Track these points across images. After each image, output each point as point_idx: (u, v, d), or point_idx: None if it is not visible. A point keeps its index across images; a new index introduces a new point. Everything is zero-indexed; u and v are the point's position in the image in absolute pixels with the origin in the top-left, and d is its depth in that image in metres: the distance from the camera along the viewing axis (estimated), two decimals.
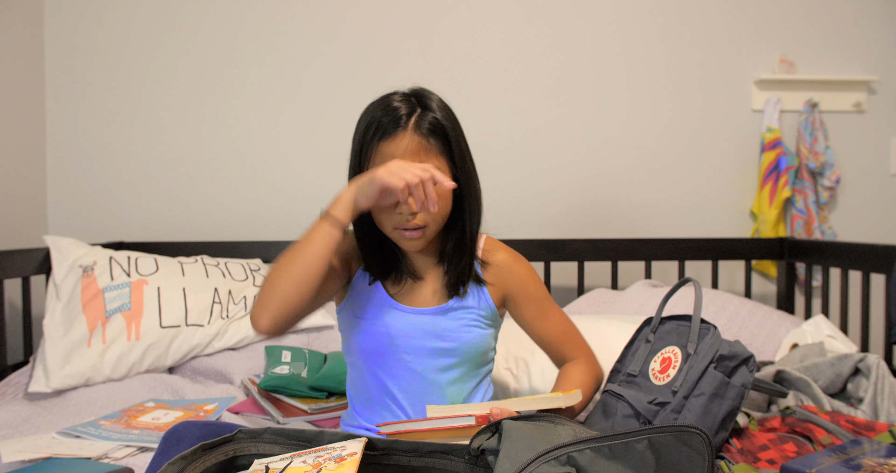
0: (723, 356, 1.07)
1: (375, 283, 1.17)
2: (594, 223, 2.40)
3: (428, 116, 1.08)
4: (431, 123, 1.07)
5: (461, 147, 1.11)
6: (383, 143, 1.06)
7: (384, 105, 1.09)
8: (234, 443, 0.82)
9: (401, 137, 1.06)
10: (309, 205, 2.32)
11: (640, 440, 0.74)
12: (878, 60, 2.43)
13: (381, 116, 1.07)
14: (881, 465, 0.95)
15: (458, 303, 1.17)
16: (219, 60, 2.33)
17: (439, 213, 1.09)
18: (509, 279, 1.20)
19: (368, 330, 1.16)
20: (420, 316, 1.16)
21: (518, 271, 1.21)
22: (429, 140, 1.07)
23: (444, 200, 1.09)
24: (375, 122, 1.07)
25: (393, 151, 1.06)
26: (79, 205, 2.31)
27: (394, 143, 1.06)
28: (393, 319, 1.15)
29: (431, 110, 1.09)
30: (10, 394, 1.63)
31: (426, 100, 1.10)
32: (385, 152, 1.06)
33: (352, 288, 1.19)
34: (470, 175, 1.13)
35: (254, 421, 1.46)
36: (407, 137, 1.06)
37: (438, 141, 1.08)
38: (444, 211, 1.10)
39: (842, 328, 1.97)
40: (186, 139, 2.33)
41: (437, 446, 0.85)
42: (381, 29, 2.34)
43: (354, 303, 1.18)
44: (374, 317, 1.16)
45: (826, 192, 2.37)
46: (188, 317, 1.82)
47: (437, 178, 1.01)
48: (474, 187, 1.14)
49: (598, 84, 2.39)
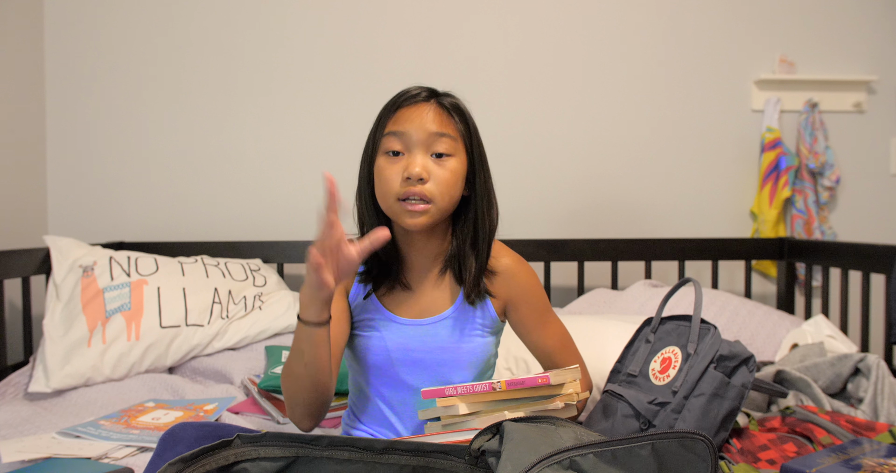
0: (723, 357, 1.07)
1: (371, 296, 1.13)
2: (594, 223, 2.40)
3: (448, 97, 1.09)
4: (452, 103, 1.08)
5: (479, 145, 1.11)
6: (403, 109, 1.06)
7: (403, 91, 1.09)
8: (233, 448, 0.81)
9: (423, 105, 1.06)
10: (309, 205, 2.33)
11: (643, 445, 0.74)
12: (878, 60, 2.43)
13: (399, 96, 1.08)
14: (881, 465, 0.95)
15: (458, 312, 1.12)
16: (219, 60, 2.33)
17: (448, 190, 1.05)
18: (513, 286, 1.15)
19: (365, 344, 1.12)
20: (419, 328, 1.12)
21: (522, 278, 1.16)
22: (451, 114, 1.06)
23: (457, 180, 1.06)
24: (394, 100, 1.08)
25: (411, 115, 1.04)
26: (79, 205, 2.31)
27: (416, 108, 1.05)
28: (390, 332, 1.11)
29: (450, 96, 1.10)
30: (10, 394, 1.63)
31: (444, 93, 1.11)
32: (404, 116, 1.05)
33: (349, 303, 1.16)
34: (485, 175, 1.11)
35: (254, 421, 1.46)
36: (428, 106, 1.06)
37: (460, 120, 1.07)
38: (452, 192, 1.06)
39: (842, 328, 1.97)
40: (186, 139, 2.33)
41: (438, 446, 0.85)
42: (381, 29, 2.34)
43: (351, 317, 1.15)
44: (372, 330, 1.12)
45: (826, 192, 2.37)
46: (188, 317, 1.82)
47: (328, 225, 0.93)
48: (487, 189, 1.10)
49: (598, 84, 2.39)
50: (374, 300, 1.13)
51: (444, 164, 1.05)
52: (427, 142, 1.04)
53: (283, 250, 2.23)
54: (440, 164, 1.05)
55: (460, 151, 1.07)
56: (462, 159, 1.07)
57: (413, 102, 1.07)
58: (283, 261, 2.24)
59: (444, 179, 1.04)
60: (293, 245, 2.23)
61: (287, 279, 2.27)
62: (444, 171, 1.04)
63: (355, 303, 1.15)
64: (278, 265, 2.26)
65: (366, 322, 1.14)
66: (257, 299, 1.95)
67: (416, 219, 1.05)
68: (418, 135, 1.04)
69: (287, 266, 2.29)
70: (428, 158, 1.04)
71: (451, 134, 1.06)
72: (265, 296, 1.97)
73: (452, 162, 1.05)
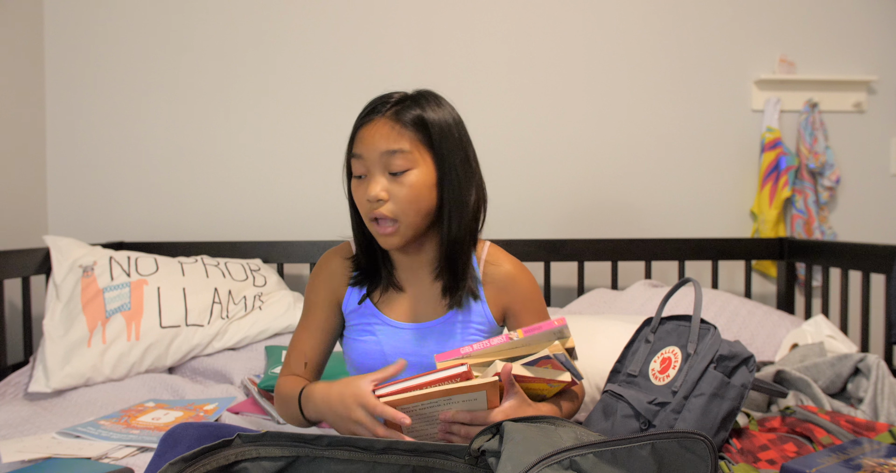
0: (723, 357, 1.07)
1: (366, 301, 1.14)
2: (594, 223, 2.40)
3: (413, 109, 1.05)
4: (414, 115, 1.05)
5: (450, 148, 1.06)
6: (361, 128, 1.06)
7: (366, 106, 1.09)
8: (233, 448, 0.82)
9: (377, 122, 1.05)
10: (309, 205, 2.33)
11: (643, 445, 0.74)
12: (878, 60, 2.43)
13: (361, 113, 1.08)
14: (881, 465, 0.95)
15: (455, 316, 1.12)
16: (219, 60, 2.33)
17: (410, 206, 1.04)
18: (513, 293, 1.15)
19: (362, 349, 1.13)
20: (414, 332, 1.12)
21: (523, 285, 1.16)
22: (404, 127, 1.04)
23: (420, 193, 1.04)
24: (357, 117, 1.08)
25: (365, 136, 1.05)
26: (79, 205, 2.32)
27: (370, 127, 1.05)
28: (386, 336, 1.12)
29: (420, 106, 1.06)
30: (10, 394, 1.63)
31: (421, 98, 1.08)
32: (360, 137, 1.06)
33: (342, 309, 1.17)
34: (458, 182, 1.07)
35: (254, 421, 1.46)
36: (382, 123, 1.04)
37: (418, 133, 1.05)
38: (417, 206, 1.04)
39: (842, 328, 1.97)
40: (186, 139, 2.33)
41: (438, 446, 0.85)
42: (381, 30, 2.34)
43: (347, 322, 1.16)
44: (368, 335, 1.13)
45: (826, 192, 2.37)
46: (188, 317, 1.82)
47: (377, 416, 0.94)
48: (459, 194, 1.07)
49: (598, 84, 2.39)
50: (368, 305, 1.14)
51: (402, 180, 1.04)
52: (382, 162, 1.04)
53: (283, 250, 2.23)
54: (398, 181, 1.04)
55: (422, 161, 1.05)
56: (425, 169, 1.05)
57: (369, 119, 1.06)
58: (283, 261, 2.24)
59: (404, 196, 1.03)
60: (293, 245, 2.23)
61: (287, 279, 2.27)
62: (402, 188, 1.03)
63: (350, 309, 1.15)
64: (278, 265, 2.26)
65: (362, 327, 1.14)
66: (257, 299, 1.95)
67: (389, 240, 1.07)
68: (372, 156, 1.04)
69: (287, 266, 2.29)
70: (385, 178, 1.04)
71: (406, 148, 1.03)
72: (265, 296, 1.97)
73: (412, 176, 1.04)
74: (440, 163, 1.06)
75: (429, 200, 1.06)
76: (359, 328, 1.14)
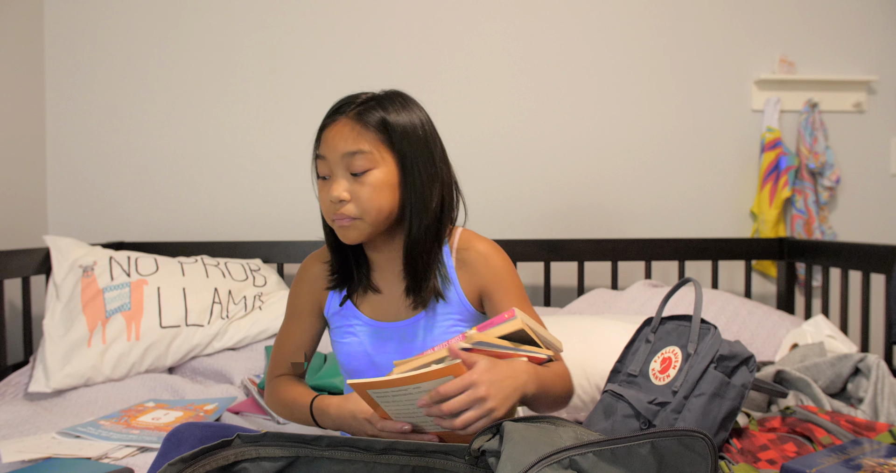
0: (723, 356, 1.07)
1: (347, 303, 1.15)
2: (594, 223, 2.40)
3: (376, 110, 1.06)
4: (376, 116, 1.05)
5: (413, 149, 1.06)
6: (325, 130, 1.07)
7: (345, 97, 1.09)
8: (232, 448, 0.82)
9: (339, 123, 1.06)
10: (309, 205, 2.32)
11: (643, 444, 0.74)
12: (878, 60, 2.43)
13: (333, 106, 1.09)
14: (881, 465, 0.95)
15: (432, 310, 1.12)
16: (219, 60, 2.33)
17: (372, 206, 1.04)
18: (483, 272, 1.13)
19: (347, 350, 1.14)
20: (396, 330, 1.13)
21: (496, 262, 1.14)
22: (365, 128, 1.05)
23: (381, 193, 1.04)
24: (328, 111, 1.09)
25: (328, 137, 1.06)
26: (79, 205, 2.32)
27: (333, 128, 1.06)
28: (368, 336, 1.13)
29: (382, 107, 1.06)
30: (10, 394, 1.63)
31: (386, 99, 1.08)
32: (324, 139, 1.07)
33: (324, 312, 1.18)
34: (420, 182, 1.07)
35: (254, 421, 1.46)
36: (344, 123, 1.05)
37: (380, 133, 1.05)
38: (379, 205, 1.05)
39: (842, 328, 1.97)
40: (186, 139, 2.33)
41: (438, 446, 0.85)
42: (380, 30, 2.34)
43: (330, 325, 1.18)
44: (351, 336, 1.14)
45: (826, 192, 2.37)
46: (188, 317, 1.82)
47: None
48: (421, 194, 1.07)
49: (598, 84, 2.39)
50: (350, 306, 1.15)
51: (363, 180, 1.04)
52: (343, 163, 1.04)
53: (283, 250, 2.24)
54: (360, 181, 1.04)
55: (383, 160, 1.05)
56: (386, 169, 1.05)
57: (332, 120, 1.07)
58: (283, 261, 2.24)
59: (365, 196, 1.04)
60: (293, 245, 2.23)
61: (287, 279, 2.27)
62: (364, 188, 1.04)
63: (331, 312, 1.17)
64: (278, 265, 2.26)
65: (344, 329, 1.15)
66: (257, 299, 1.95)
67: (347, 234, 1.07)
68: (334, 158, 1.05)
69: (287, 266, 2.29)
70: (346, 179, 1.05)
71: (366, 148, 1.04)
72: (265, 296, 1.97)
73: (373, 175, 1.04)
74: (402, 163, 1.06)
75: (391, 200, 1.06)
76: (341, 330, 1.15)
